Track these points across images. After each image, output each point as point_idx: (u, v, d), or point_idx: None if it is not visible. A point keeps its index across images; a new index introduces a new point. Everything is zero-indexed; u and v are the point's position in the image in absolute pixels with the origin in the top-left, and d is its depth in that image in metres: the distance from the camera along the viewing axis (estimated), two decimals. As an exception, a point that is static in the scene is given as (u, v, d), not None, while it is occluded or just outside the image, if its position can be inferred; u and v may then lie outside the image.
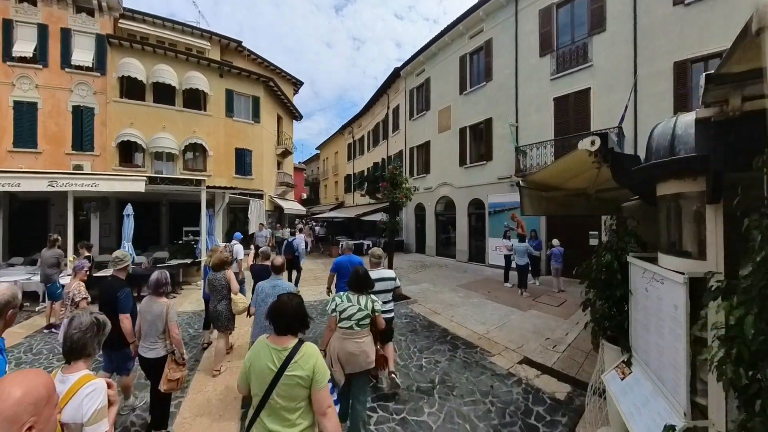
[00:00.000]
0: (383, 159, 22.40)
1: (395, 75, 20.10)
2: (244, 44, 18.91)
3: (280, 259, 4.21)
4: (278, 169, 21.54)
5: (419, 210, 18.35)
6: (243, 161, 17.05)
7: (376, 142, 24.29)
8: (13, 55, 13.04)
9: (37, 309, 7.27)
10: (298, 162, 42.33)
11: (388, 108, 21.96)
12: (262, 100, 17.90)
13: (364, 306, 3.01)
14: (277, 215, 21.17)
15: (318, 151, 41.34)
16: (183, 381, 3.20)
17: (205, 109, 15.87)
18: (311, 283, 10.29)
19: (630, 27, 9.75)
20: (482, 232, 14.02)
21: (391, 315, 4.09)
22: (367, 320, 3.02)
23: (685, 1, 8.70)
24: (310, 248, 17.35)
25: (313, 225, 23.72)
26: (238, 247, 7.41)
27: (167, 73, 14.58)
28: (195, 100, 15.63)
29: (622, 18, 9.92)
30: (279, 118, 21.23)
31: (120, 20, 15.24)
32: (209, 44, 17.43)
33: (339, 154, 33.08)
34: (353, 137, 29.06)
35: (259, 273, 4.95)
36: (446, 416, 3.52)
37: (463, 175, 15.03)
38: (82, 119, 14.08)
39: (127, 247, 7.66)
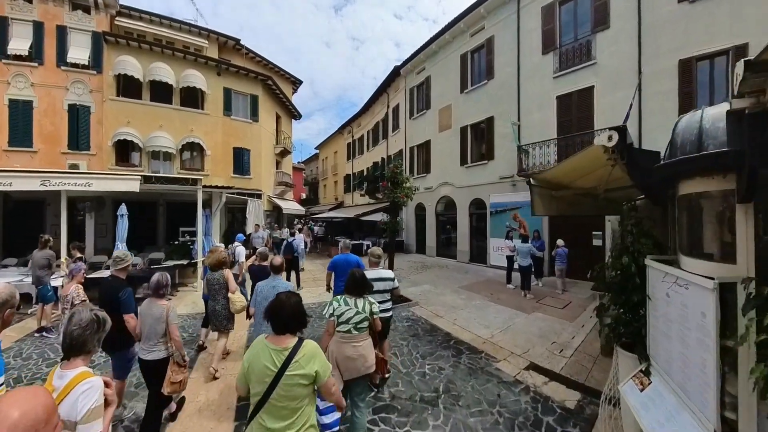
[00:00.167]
0: (383, 158, 22.20)
1: (395, 74, 19.89)
2: (242, 42, 18.73)
3: (279, 259, 4.20)
4: (277, 168, 21.37)
5: (419, 210, 18.18)
6: (241, 161, 16.87)
7: (375, 141, 24.09)
8: (9, 53, 12.87)
9: (30, 311, 7.08)
10: (297, 162, 42.15)
11: (388, 107, 21.76)
12: (260, 98, 17.71)
13: (362, 309, 2.97)
14: (276, 215, 20.99)
15: (317, 151, 41.11)
16: (185, 383, 3.16)
17: (202, 108, 15.69)
18: (310, 285, 10.12)
19: (634, 24, 9.60)
20: (483, 232, 13.85)
21: (389, 314, 4.08)
22: (366, 323, 2.98)
23: (691, -3, 8.54)
24: (309, 248, 17.16)
25: (312, 225, 23.46)
26: (240, 249, 7.28)
27: (164, 71, 14.39)
28: (192, 98, 15.45)
29: (626, 15, 9.77)
30: (278, 117, 21.05)
31: (116, 18, 15.10)
32: (207, 42, 17.25)
33: (338, 154, 32.85)
34: (353, 137, 28.85)
35: (257, 273, 4.93)
36: (452, 429, 3.33)
37: (464, 175, 14.86)
38: (78, 118, 13.92)
39: (120, 248, 7.46)
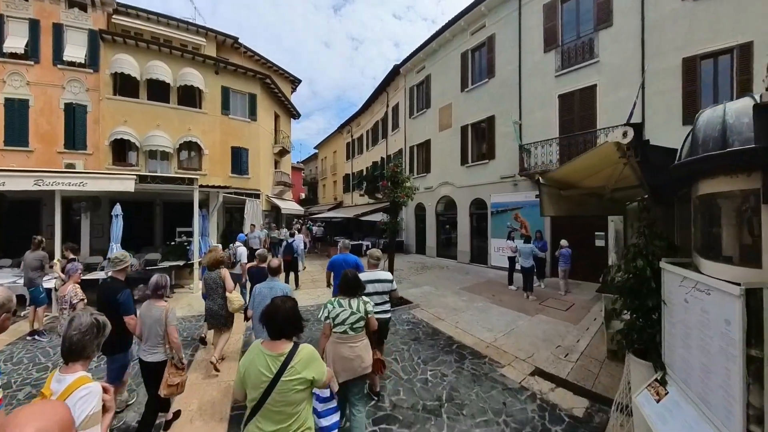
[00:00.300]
0: (382, 158, 22.05)
1: (395, 72, 19.73)
2: (240, 41, 18.56)
3: (276, 261, 4.22)
4: (275, 168, 21.20)
5: (419, 210, 18.04)
6: (239, 160, 16.70)
7: (375, 141, 23.93)
8: (4, 51, 12.70)
9: (23, 314, 6.92)
10: (296, 161, 42.00)
11: (388, 106, 21.61)
12: (258, 97, 17.53)
13: (356, 309, 2.97)
14: (275, 215, 20.83)
15: (316, 151, 40.94)
16: (183, 386, 3.15)
17: (200, 107, 15.52)
18: (309, 286, 9.96)
19: (637, 22, 9.47)
20: (484, 232, 13.71)
21: (388, 316, 4.06)
22: (361, 323, 2.98)
23: (694, -5, 8.41)
24: (308, 249, 17.00)
25: (310, 225, 23.28)
26: (241, 249, 7.28)
27: (161, 70, 14.22)
28: (190, 97, 15.28)
29: (629, 12, 9.64)
30: (276, 116, 20.88)
31: (113, 16, 14.94)
32: (205, 41, 17.08)
33: (337, 154, 32.68)
34: (352, 136, 28.69)
35: (257, 275, 4.93)
36: (457, 441, 3.18)
37: (465, 175, 14.72)
38: (74, 117, 13.76)
39: (115, 249, 7.32)
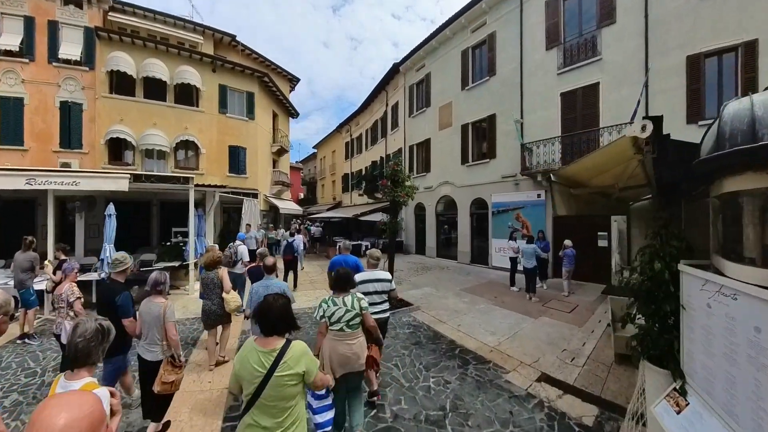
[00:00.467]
0: (382, 157, 21.88)
1: (394, 71, 19.56)
2: (238, 39, 18.37)
3: (272, 259, 4.29)
4: (274, 167, 21.02)
5: (419, 210, 17.87)
6: (237, 159, 16.50)
7: (374, 140, 23.75)
8: (-1, 49, 12.49)
9: (15, 315, 6.75)
10: (295, 161, 41.82)
11: (387, 105, 21.44)
12: (256, 96, 17.34)
13: (351, 306, 2.95)
14: (273, 215, 20.66)
15: (315, 150, 40.75)
16: (178, 384, 3.08)
17: (197, 105, 15.32)
18: (307, 287, 9.78)
19: (641, 19, 9.35)
20: (485, 232, 13.55)
21: (386, 315, 4.08)
22: (357, 320, 2.97)
23: (699, -8, 8.30)
24: (306, 249, 16.81)
25: (308, 225, 23.06)
26: (242, 248, 7.34)
27: (158, 68, 14.02)
28: (187, 95, 15.08)
29: (632, 9, 9.52)
30: (274, 115, 20.70)
31: (109, 13, 14.73)
32: (202, 38, 16.89)
33: (336, 153, 32.49)
34: (351, 135, 28.51)
35: (256, 274, 4.95)
36: (463, 454, 3.02)
37: (465, 174, 14.56)
38: (69, 115, 13.56)
39: (108, 250, 7.14)
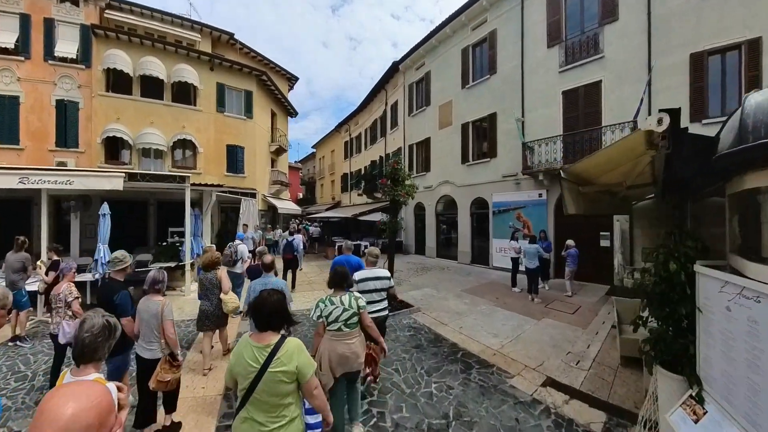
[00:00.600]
0: (381, 157, 21.74)
1: (393, 69, 19.40)
2: (236, 37, 18.22)
3: (270, 257, 4.35)
4: (272, 167, 20.88)
5: (419, 209, 17.74)
6: (235, 158, 16.37)
7: (373, 139, 23.60)
8: (-6, 47, 12.36)
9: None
10: (294, 161, 41.66)
11: (386, 104, 21.28)
12: (255, 94, 17.20)
13: (348, 305, 2.93)
14: (271, 215, 20.51)
15: (314, 150, 40.57)
16: (174, 383, 3.03)
17: (194, 104, 15.19)
18: (305, 288, 9.61)
19: (644, 16, 9.22)
20: (486, 232, 13.41)
21: (385, 314, 4.13)
22: (355, 319, 2.95)
23: (702, -12, 8.18)
24: (306, 249, 16.66)
25: (306, 225, 22.88)
26: (242, 247, 7.37)
27: (155, 66, 13.88)
28: (184, 94, 14.94)
29: (635, 7, 9.39)
30: (273, 114, 20.55)
31: (106, 10, 14.58)
32: (200, 36, 16.73)
33: (335, 153, 32.33)
34: (350, 135, 28.37)
35: (255, 273, 5.01)
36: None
37: (466, 173, 14.43)
38: (66, 114, 13.44)
39: (102, 250, 6.98)
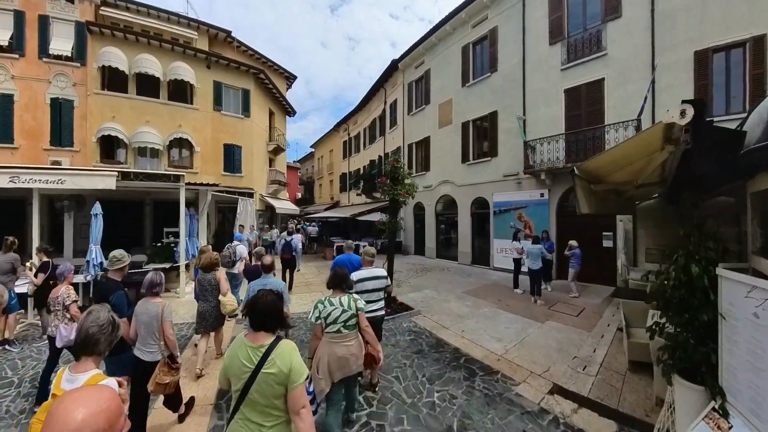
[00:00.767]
0: (380, 156, 21.57)
1: (393, 68, 19.22)
2: (233, 35, 18.02)
3: (269, 258, 4.31)
4: (270, 166, 20.69)
5: (418, 209, 17.57)
6: (232, 158, 16.17)
7: (372, 139, 23.43)
8: (-12, 44, 12.15)
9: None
10: (293, 161, 41.46)
11: (385, 103, 21.11)
12: (252, 93, 17.01)
13: (347, 306, 2.91)
14: (269, 215, 20.33)
15: (312, 150, 40.37)
16: (173, 386, 3.00)
17: (191, 102, 14.99)
18: (302, 290, 9.43)
19: (647, 13, 9.10)
20: (486, 233, 13.24)
21: (381, 313, 4.14)
22: (354, 320, 2.93)
23: (708, -14, 8.07)
24: (304, 250, 16.50)
25: (305, 225, 22.70)
26: (241, 248, 7.34)
27: (151, 63, 13.68)
28: (181, 92, 14.74)
29: (639, 3, 9.26)
30: (271, 113, 20.35)
31: (101, 7, 14.39)
32: (197, 34, 16.52)
33: (334, 152, 32.15)
34: (349, 134, 28.20)
35: (253, 273, 4.99)
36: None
37: (466, 173, 14.26)
38: (60, 112, 13.23)
39: (94, 251, 6.81)
